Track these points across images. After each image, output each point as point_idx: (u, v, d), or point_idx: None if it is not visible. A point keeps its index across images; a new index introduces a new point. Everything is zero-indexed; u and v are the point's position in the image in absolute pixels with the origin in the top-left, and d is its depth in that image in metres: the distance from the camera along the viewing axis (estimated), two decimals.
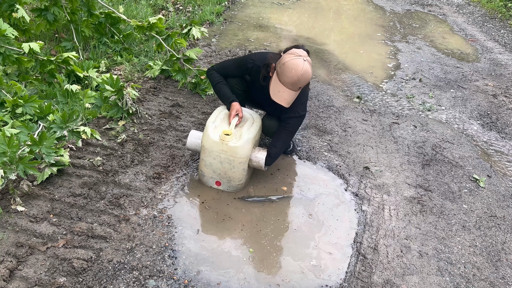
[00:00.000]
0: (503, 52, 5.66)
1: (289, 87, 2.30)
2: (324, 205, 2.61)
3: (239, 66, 2.65)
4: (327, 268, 2.19)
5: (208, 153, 2.46)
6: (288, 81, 2.27)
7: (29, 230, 2.12)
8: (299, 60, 2.25)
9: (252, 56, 2.61)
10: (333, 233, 2.41)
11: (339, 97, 3.96)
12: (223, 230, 2.33)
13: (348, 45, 5.39)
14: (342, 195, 2.71)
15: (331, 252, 2.29)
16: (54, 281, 1.88)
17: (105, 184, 2.49)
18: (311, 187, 2.75)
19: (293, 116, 2.51)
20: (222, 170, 2.50)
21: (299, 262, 2.20)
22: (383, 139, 3.36)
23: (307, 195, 2.67)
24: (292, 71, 2.24)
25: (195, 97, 3.58)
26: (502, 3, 7.47)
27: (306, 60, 2.27)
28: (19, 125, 2.60)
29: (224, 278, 2.05)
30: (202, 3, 5.97)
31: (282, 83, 2.30)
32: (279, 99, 2.34)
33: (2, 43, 2.85)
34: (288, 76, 2.26)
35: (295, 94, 2.34)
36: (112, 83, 3.05)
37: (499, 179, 3.06)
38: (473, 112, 4.01)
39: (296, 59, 2.26)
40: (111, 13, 3.88)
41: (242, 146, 2.41)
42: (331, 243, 2.35)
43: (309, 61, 2.30)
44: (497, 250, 2.43)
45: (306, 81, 2.30)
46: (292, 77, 2.25)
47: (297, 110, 2.49)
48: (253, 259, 2.18)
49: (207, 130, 2.45)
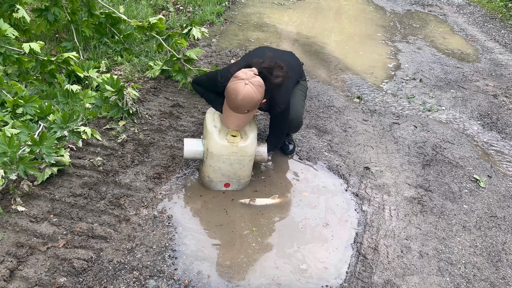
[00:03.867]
0: (504, 52, 5.66)
1: (235, 111, 2.26)
2: (324, 205, 2.61)
3: (211, 85, 2.61)
4: (327, 268, 2.19)
5: (216, 158, 2.43)
6: (231, 106, 2.24)
7: (29, 230, 2.12)
8: (239, 85, 2.18)
9: (218, 78, 2.49)
10: (333, 233, 2.41)
11: (339, 97, 3.96)
12: (224, 231, 2.33)
13: (349, 45, 5.39)
14: (342, 195, 2.71)
15: (331, 252, 2.29)
16: (55, 281, 1.88)
17: (106, 184, 2.49)
18: (311, 187, 2.75)
19: (277, 112, 2.53)
20: (231, 172, 2.50)
21: (299, 262, 2.20)
22: (384, 139, 3.36)
23: (307, 196, 2.67)
24: (232, 96, 2.20)
25: (195, 97, 3.58)
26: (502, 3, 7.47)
27: (248, 83, 2.17)
28: (20, 125, 2.60)
29: (225, 278, 2.05)
30: (203, 3, 5.97)
31: (229, 107, 2.28)
32: (227, 124, 2.35)
33: (2, 43, 2.85)
34: (230, 101, 2.23)
35: (244, 117, 2.30)
36: (113, 83, 3.05)
37: (499, 179, 3.06)
38: (473, 112, 4.01)
39: (237, 84, 2.19)
40: (111, 13, 3.88)
41: (251, 144, 2.43)
42: (331, 243, 2.35)
43: (253, 83, 2.18)
44: (498, 251, 2.43)
45: (250, 104, 2.21)
46: (234, 102, 2.20)
47: (277, 105, 2.48)
48: (254, 260, 2.18)
49: (213, 136, 2.39)
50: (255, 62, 2.34)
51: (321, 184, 2.78)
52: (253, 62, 2.34)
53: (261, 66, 2.31)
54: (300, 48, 5.05)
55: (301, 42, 5.23)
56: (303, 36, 5.45)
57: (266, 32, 5.39)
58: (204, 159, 2.50)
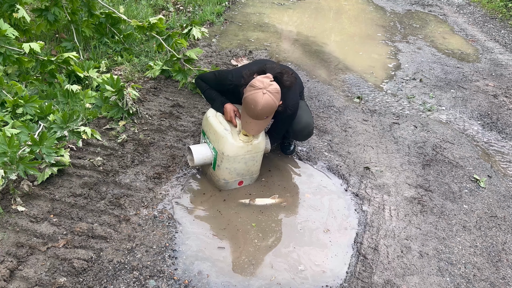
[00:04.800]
0: (504, 52, 5.66)
1: (254, 119, 2.31)
2: (324, 205, 2.61)
3: (218, 83, 2.65)
4: (327, 268, 2.19)
5: (233, 160, 2.45)
6: (252, 115, 2.29)
7: (29, 230, 2.12)
8: (257, 95, 2.22)
9: (229, 77, 2.56)
10: (333, 233, 2.41)
11: (339, 97, 3.96)
12: (224, 230, 2.33)
13: (349, 45, 5.39)
14: (342, 196, 2.71)
15: (331, 252, 2.29)
16: (55, 281, 1.88)
17: (106, 184, 2.49)
18: (311, 187, 2.75)
19: (287, 114, 2.55)
20: (246, 169, 2.56)
21: (299, 262, 2.20)
22: (384, 139, 3.36)
23: (307, 196, 2.67)
24: (251, 107, 2.24)
25: (195, 97, 3.58)
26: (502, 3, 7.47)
27: (266, 92, 2.22)
28: (20, 125, 2.60)
29: (225, 278, 2.05)
30: (203, 3, 5.97)
31: (247, 115, 2.32)
32: (248, 130, 2.38)
33: (2, 43, 2.85)
34: (249, 110, 2.27)
35: (264, 122, 2.35)
36: (113, 83, 3.05)
37: (499, 179, 3.06)
38: (473, 112, 4.01)
39: (255, 94, 2.23)
40: (111, 13, 3.88)
41: (262, 139, 2.51)
42: (332, 243, 2.35)
43: (271, 91, 2.23)
44: (498, 251, 2.43)
45: (269, 112, 2.28)
46: (254, 112, 2.25)
47: (287, 107, 2.51)
48: (254, 259, 2.18)
49: (227, 140, 2.40)
50: (269, 68, 2.40)
51: (321, 184, 2.78)
52: (267, 68, 2.40)
53: (275, 71, 2.38)
54: (300, 48, 5.05)
55: (301, 42, 5.23)
56: (303, 36, 5.45)
57: (266, 32, 5.39)
58: (217, 163, 2.50)
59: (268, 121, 2.39)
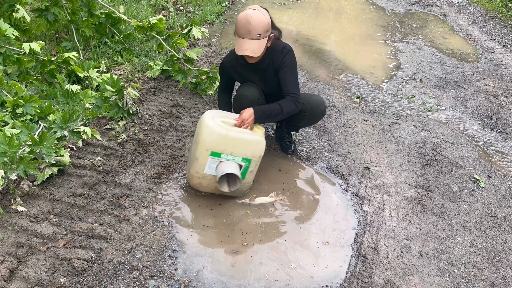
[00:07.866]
0: (504, 52, 5.66)
1: (247, 37, 2.36)
2: (324, 205, 2.61)
3: (222, 77, 2.85)
4: (327, 268, 2.19)
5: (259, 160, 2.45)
6: (244, 32, 2.35)
7: (29, 230, 2.12)
8: (247, 11, 2.35)
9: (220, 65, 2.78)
10: (333, 233, 2.41)
11: (339, 97, 3.96)
12: (224, 230, 2.33)
13: (349, 45, 5.39)
14: (342, 195, 2.71)
15: (331, 252, 2.29)
16: (55, 281, 1.88)
17: (106, 184, 2.49)
18: (311, 187, 2.75)
19: (284, 62, 2.59)
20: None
21: (299, 262, 2.20)
22: (384, 139, 3.36)
23: (307, 196, 2.67)
24: (243, 22, 2.33)
25: (195, 97, 3.58)
26: (502, 3, 7.47)
27: (256, 9, 2.36)
28: (20, 125, 2.60)
29: (225, 278, 2.05)
30: (203, 3, 5.97)
31: (240, 37, 2.39)
32: (242, 51, 2.40)
33: (2, 43, 2.85)
34: (242, 28, 2.35)
35: (258, 43, 2.38)
36: (113, 83, 3.05)
37: (499, 179, 3.06)
38: (473, 112, 4.01)
39: (245, 10, 2.37)
40: (111, 13, 3.88)
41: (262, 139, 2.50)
42: (331, 243, 2.35)
43: (259, 9, 2.38)
44: (498, 251, 2.43)
45: (262, 27, 2.34)
46: (246, 27, 2.33)
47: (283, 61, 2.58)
48: (254, 259, 2.18)
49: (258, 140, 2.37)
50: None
51: (321, 184, 2.78)
52: None
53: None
54: (300, 48, 5.05)
55: (301, 42, 5.23)
56: (303, 36, 5.45)
57: None
58: (250, 169, 2.44)
59: (263, 45, 2.41)
